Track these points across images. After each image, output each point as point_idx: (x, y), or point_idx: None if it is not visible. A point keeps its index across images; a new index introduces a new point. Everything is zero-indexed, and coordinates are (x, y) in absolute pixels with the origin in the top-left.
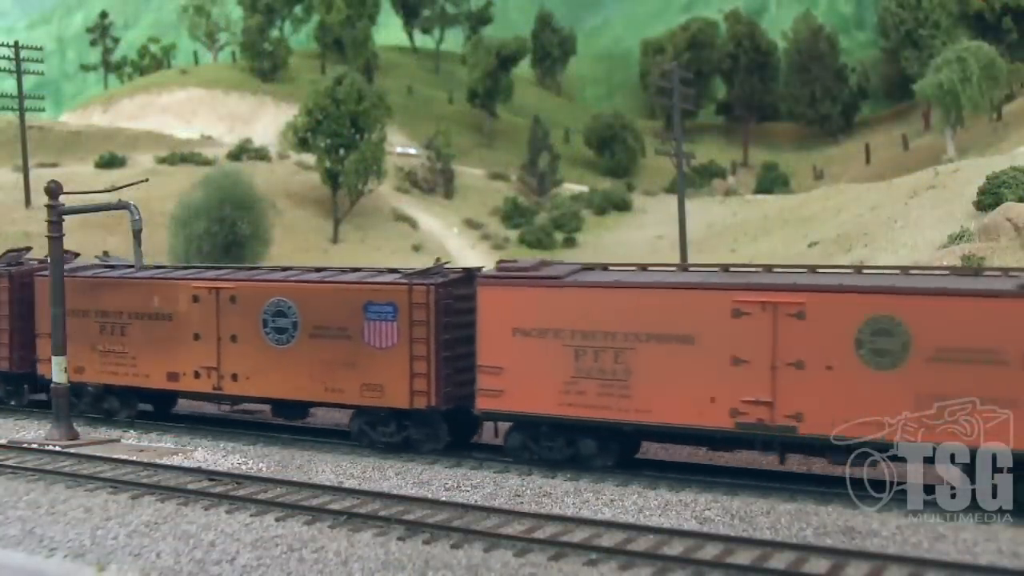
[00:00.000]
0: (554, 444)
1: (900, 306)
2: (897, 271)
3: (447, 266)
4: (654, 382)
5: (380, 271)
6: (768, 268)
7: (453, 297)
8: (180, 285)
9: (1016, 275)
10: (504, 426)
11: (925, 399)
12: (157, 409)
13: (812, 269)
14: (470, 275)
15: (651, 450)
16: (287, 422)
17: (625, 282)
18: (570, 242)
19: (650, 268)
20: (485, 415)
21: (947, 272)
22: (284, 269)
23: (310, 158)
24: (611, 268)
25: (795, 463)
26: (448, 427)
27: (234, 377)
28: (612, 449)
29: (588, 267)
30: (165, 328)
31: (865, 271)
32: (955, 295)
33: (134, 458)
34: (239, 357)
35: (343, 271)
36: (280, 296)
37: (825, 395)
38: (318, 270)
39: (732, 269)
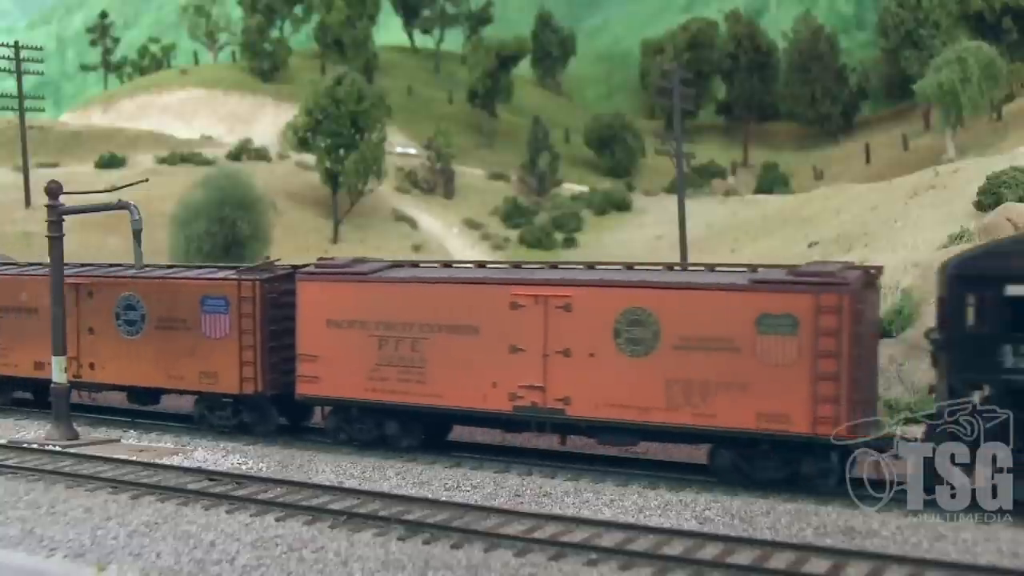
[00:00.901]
0: (364, 426)
1: (651, 299)
2: (660, 267)
3: (277, 263)
4: (445, 369)
5: (220, 268)
6: (554, 265)
7: (278, 292)
8: (43, 281)
9: (760, 271)
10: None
11: (673, 383)
12: (36, 398)
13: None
14: (294, 272)
15: (650, 448)
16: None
17: (421, 278)
18: (570, 242)
19: (454, 265)
20: (304, 399)
21: (702, 268)
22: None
23: (310, 158)
24: (420, 265)
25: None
26: (281, 411)
27: (92, 366)
28: (415, 431)
29: (397, 264)
30: (32, 321)
31: (638, 267)
32: (696, 289)
33: (134, 458)
34: (95, 347)
35: (187, 268)
36: (130, 291)
37: (589, 380)
38: (168, 267)
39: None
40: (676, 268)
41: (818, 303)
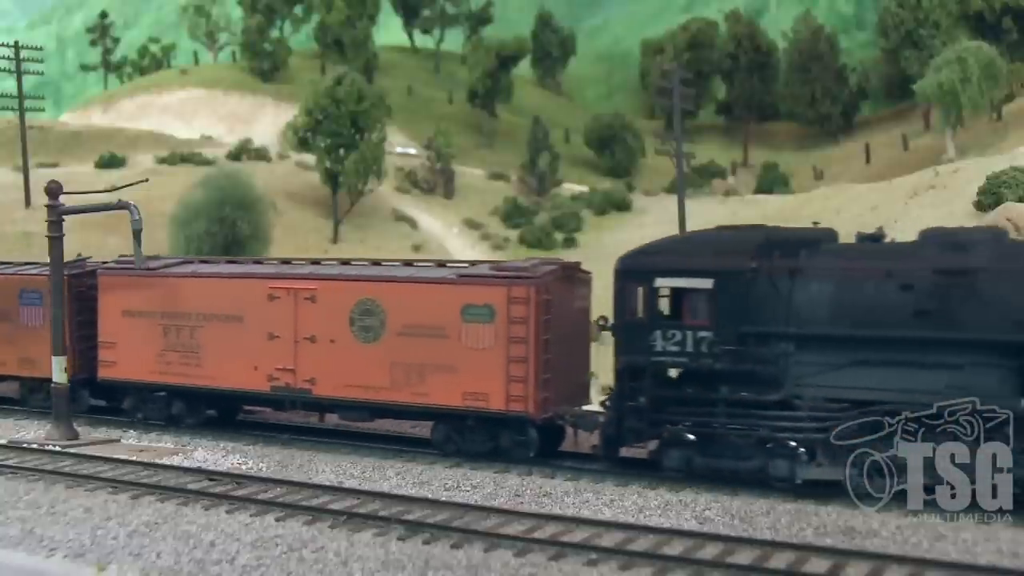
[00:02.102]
0: (156, 406)
1: (379, 291)
2: (398, 263)
3: (89, 260)
4: (217, 354)
5: (37, 265)
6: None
7: (86, 286)
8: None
9: (485, 265)
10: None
11: (396, 366)
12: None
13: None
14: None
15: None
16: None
17: (197, 272)
18: (570, 242)
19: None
20: (104, 382)
21: (430, 263)
22: None
23: (310, 158)
24: (202, 262)
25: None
26: (97, 394)
27: None
28: (198, 410)
29: (187, 260)
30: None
31: (385, 263)
32: (414, 282)
33: (134, 458)
34: None
35: (9, 264)
36: None
37: (330, 363)
38: (2, 263)
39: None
40: (412, 264)
41: (509, 294)
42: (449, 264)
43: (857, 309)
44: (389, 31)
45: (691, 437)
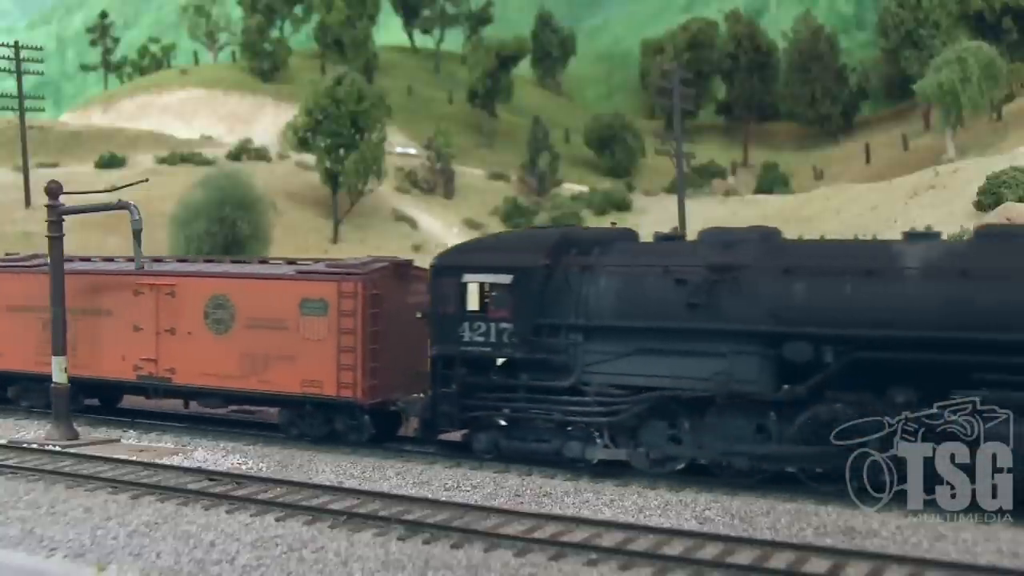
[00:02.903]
0: (37, 395)
1: (229, 287)
2: (254, 260)
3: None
4: (91, 345)
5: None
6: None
7: None
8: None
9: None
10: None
11: (244, 356)
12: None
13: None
14: None
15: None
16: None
17: (73, 270)
18: None
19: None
20: None
21: (280, 261)
22: None
23: (310, 158)
24: (76, 260)
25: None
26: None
27: None
28: (78, 399)
29: (68, 259)
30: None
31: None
32: (259, 278)
33: (134, 458)
34: None
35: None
36: None
37: (187, 354)
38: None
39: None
40: (264, 262)
41: (340, 289)
42: (299, 262)
43: (638, 302)
44: (389, 31)
45: (502, 423)
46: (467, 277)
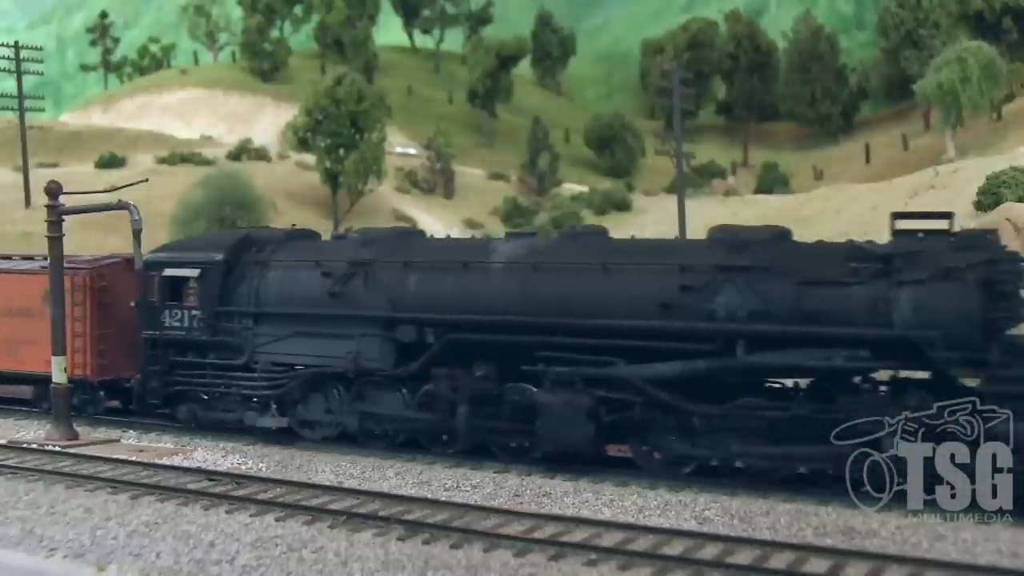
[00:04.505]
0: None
1: None
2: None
3: None
4: None
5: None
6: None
7: None
8: None
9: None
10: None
11: (3, 341)
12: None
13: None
14: None
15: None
16: None
17: None
18: None
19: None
20: None
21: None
22: None
23: (310, 158)
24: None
25: None
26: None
27: None
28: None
29: None
30: None
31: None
32: (12, 273)
33: (134, 458)
34: None
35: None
36: None
37: None
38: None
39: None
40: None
41: (72, 282)
42: (36, 257)
43: (294, 292)
44: (389, 31)
45: (204, 396)
46: (168, 271)
